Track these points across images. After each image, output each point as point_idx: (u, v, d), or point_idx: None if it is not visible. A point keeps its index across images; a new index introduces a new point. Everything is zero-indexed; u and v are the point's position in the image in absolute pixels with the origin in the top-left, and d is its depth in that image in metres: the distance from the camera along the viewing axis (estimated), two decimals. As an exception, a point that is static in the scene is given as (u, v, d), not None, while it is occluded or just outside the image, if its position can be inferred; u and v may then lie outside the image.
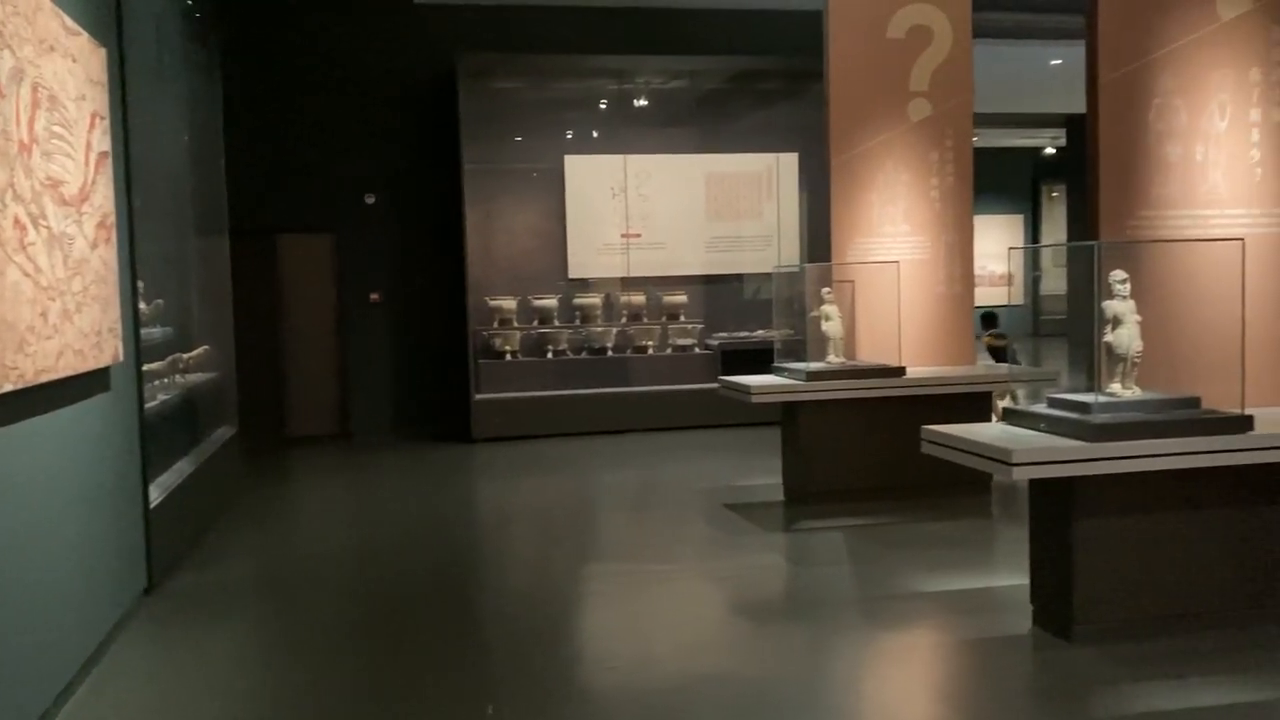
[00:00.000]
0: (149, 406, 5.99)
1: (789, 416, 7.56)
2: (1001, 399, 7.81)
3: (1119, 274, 4.59)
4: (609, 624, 5.43)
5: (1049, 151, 23.07)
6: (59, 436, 4.40)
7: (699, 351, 11.81)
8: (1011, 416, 4.87)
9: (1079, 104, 5.03)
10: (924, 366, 7.65)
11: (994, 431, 4.74)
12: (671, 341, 11.88)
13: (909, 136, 7.79)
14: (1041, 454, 4.34)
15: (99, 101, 4.94)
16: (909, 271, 7.75)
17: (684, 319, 11.98)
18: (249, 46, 10.91)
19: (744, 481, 8.43)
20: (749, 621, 5.35)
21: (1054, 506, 4.68)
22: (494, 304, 11.43)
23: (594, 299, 11.82)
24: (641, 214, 11.90)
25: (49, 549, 4.22)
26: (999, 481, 7.20)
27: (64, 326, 4.25)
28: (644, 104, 12.22)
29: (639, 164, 11.88)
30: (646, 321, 11.90)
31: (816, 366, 7.44)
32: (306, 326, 11.56)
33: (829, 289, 7.61)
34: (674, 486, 8.56)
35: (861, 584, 5.89)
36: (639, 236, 11.92)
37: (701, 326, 11.99)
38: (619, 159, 11.85)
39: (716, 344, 11.73)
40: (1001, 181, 22.87)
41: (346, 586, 6.19)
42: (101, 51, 5.05)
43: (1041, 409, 4.76)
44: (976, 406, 7.26)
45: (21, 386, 3.78)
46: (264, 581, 6.40)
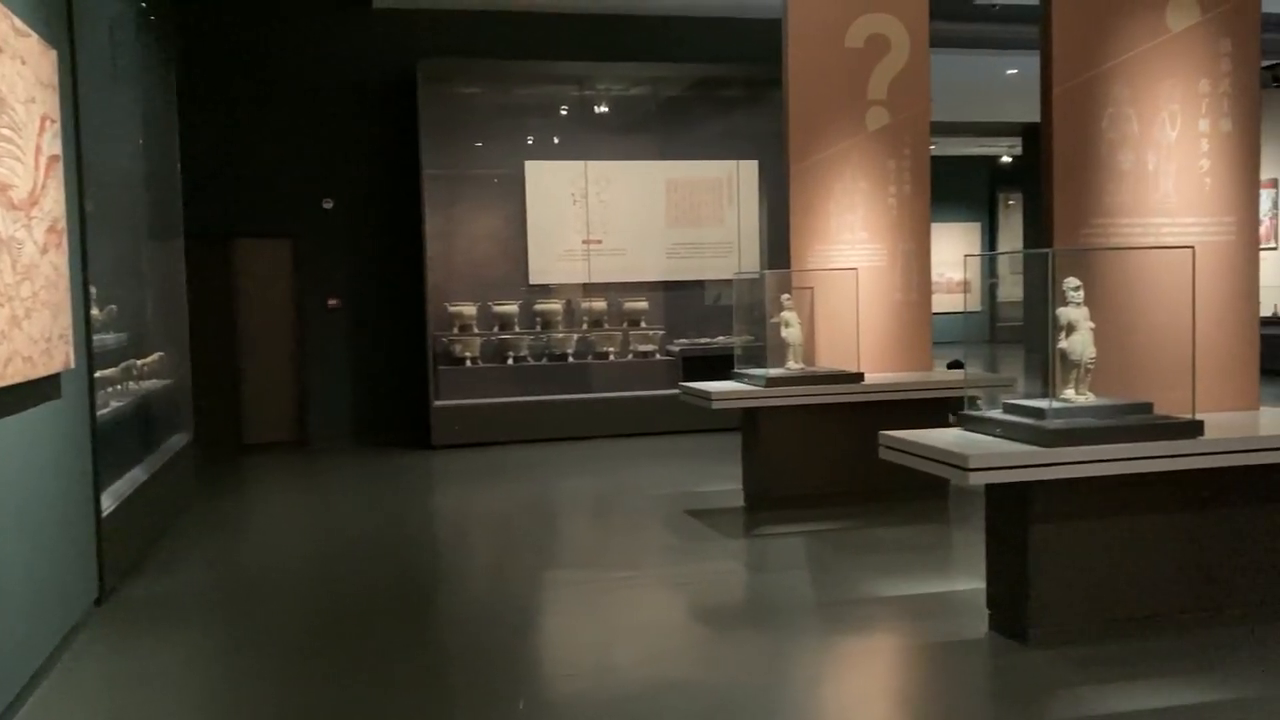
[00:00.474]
0: (101, 414, 5.90)
1: (749, 422, 7.59)
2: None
3: (1072, 281, 4.65)
4: (569, 632, 5.41)
5: (1006, 160, 23.36)
6: (7, 444, 4.31)
7: (660, 357, 11.82)
8: (968, 422, 4.92)
9: (1035, 113, 5.09)
10: (882, 372, 7.71)
11: (951, 437, 4.78)
12: (632, 347, 11.88)
13: (867, 145, 7.85)
14: (997, 459, 4.38)
15: (49, 104, 4.86)
16: (867, 279, 7.80)
17: (645, 325, 11.99)
18: (206, 49, 10.81)
19: (705, 487, 8.44)
20: (709, 628, 5.35)
21: (1010, 511, 4.72)
22: (454, 310, 11.38)
23: (555, 305, 11.80)
24: (602, 220, 11.90)
25: (-4, 559, 4.14)
26: (956, 486, 7.26)
27: (12, 333, 4.18)
28: (605, 110, 12.22)
29: (600, 170, 11.88)
30: (607, 327, 11.90)
31: (776, 372, 7.47)
32: (263, 332, 11.44)
33: (788, 295, 7.65)
34: (635, 492, 8.55)
35: (821, 589, 5.91)
36: (600, 242, 11.91)
37: (662, 332, 12.00)
38: (580, 165, 11.84)
39: (677, 350, 11.75)
40: (959, 190, 23.14)
41: (302, 597, 6.12)
42: (52, 54, 4.97)
43: (998, 414, 4.80)
44: (934, 412, 7.32)
45: (-32, 394, 3.71)
46: (218, 592, 6.31)
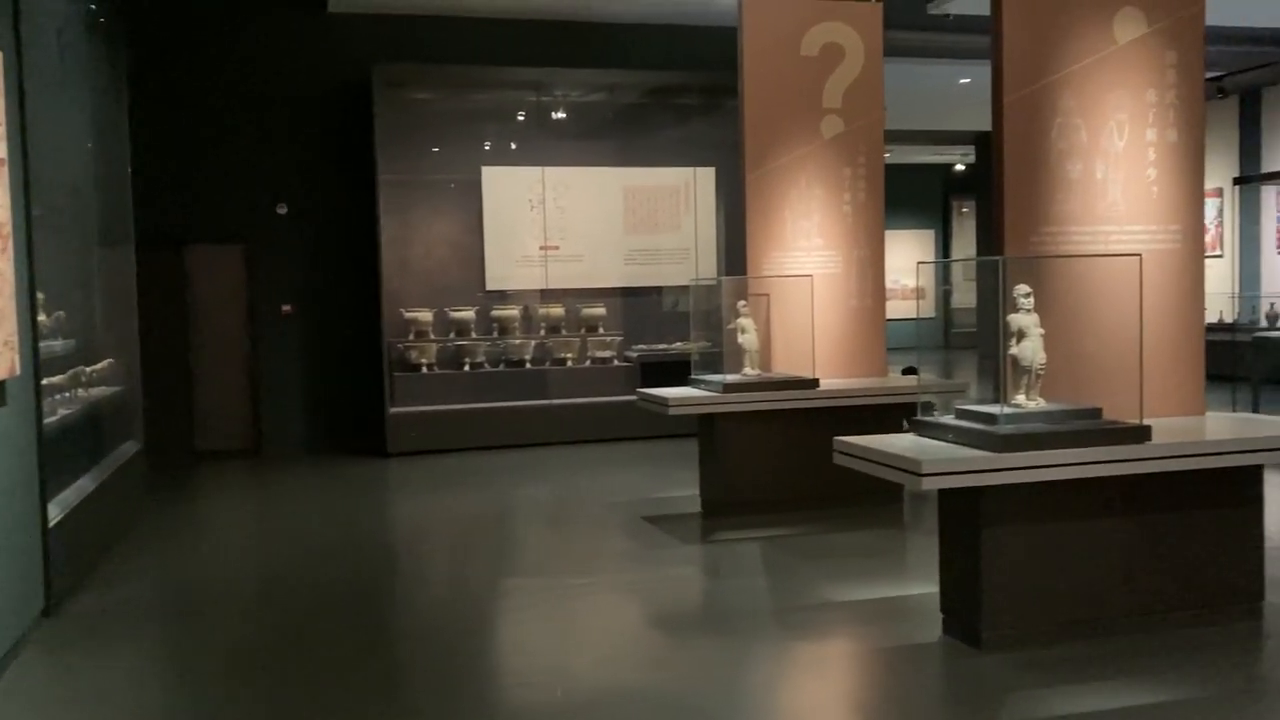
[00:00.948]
0: (48, 421, 5.80)
1: (706, 428, 7.61)
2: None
3: (1023, 288, 4.71)
4: (525, 639, 5.39)
5: (959, 168, 23.61)
6: (-50, 454, 4.23)
7: (618, 364, 11.82)
8: (922, 427, 4.96)
9: (987, 122, 5.15)
10: (837, 378, 7.76)
11: (904, 443, 4.82)
12: (590, 353, 11.87)
13: (822, 152, 7.91)
14: (949, 464, 4.42)
15: (-5, 107, 4.78)
16: (822, 285, 7.86)
17: (603, 331, 11.99)
18: (158, 53, 10.67)
19: (662, 493, 8.45)
20: (666, 634, 5.36)
21: (962, 516, 4.77)
22: (410, 316, 11.31)
23: (512, 311, 11.76)
24: (560, 226, 11.89)
25: (-62, 571, 4.06)
26: (911, 491, 7.32)
27: (-44, 339, 4.10)
28: (562, 116, 12.21)
29: (557, 176, 11.87)
30: (565, 334, 11.88)
31: (733, 378, 7.50)
32: (216, 339, 11.29)
33: (745, 302, 7.69)
34: (592, 499, 8.54)
35: (777, 595, 5.94)
36: (557, 249, 11.90)
37: (620, 339, 12.01)
38: (537, 171, 11.83)
39: (635, 356, 11.75)
40: (913, 197, 23.37)
41: (254, 607, 6.05)
42: (-2, 55, 4.89)
43: (950, 420, 4.85)
44: (889, 417, 7.37)
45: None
46: (169, 603, 6.22)
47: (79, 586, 6.13)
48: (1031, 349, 4.72)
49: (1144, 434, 4.63)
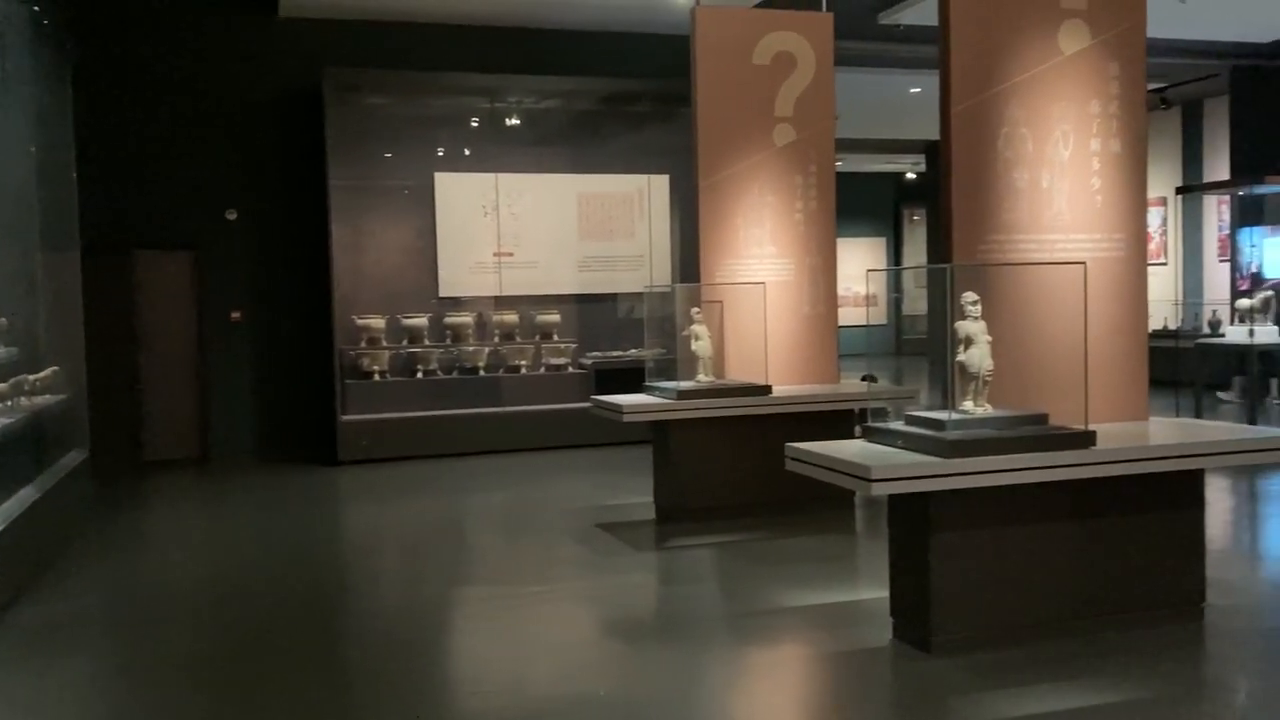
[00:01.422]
0: (-11, 431, 5.70)
1: (660, 435, 7.62)
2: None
3: (970, 296, 4.77)
4: (478, 648, 5.37)
5: (910, 176, 23.87)
6: (-114, 464, 4.14)
7: (572, 371, 11.81)
8: (873, 434, 5.00)
9: (937, 131, 5.21)
10: (790, 385, 7.81)
11: (855, 449, 4.86)
12: (544, 361, 11.85)
13: (774, 160, 7.96)
14: (898, 470, 4.47)
15: (-66, 110, 4.69)
16: (775, 292, 7.90)
17: (557, 338, 11.97)
18: (105, 56, 10.52)
19: (616, 501, 8.45)
20: (620, 642, 5.36)
21: (912, 521, 4.81)
22: (361, 323, 11.21)
23: (466, 318, 11.71)
24: (514, 233, 11.86)
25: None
26: (862, 496, 7.38)
27: (-108, 347, 4.01)
28: (516, 123, 12.18)
29: (511, 183, 11.84)
30: (519, 341, 11.84)
31: (687, 385, 7.51)
32: (164, 346, 11.14)
33: (698, 309, 7.71)
34: (546, 507, 8.52)
35: (730, 601, 5.95)
36: (511, 255, 11.87)
37: (575, 346, 11.99)
38: (491, 177, 11.79)
39: (590, 363, 11.74)
40: (865, 205, 23.58)
41: (202, 619, 5.96)
42: (-63, 58, 4.80)
43: (900, 426, 4.90)
44: (840, 423, 7.44)
45: None
46: (113, 614, 6.11)
47: (21, 599, 6.01)
48: (979, 356, 4.78)
49: (1089, 439, 4.70)
